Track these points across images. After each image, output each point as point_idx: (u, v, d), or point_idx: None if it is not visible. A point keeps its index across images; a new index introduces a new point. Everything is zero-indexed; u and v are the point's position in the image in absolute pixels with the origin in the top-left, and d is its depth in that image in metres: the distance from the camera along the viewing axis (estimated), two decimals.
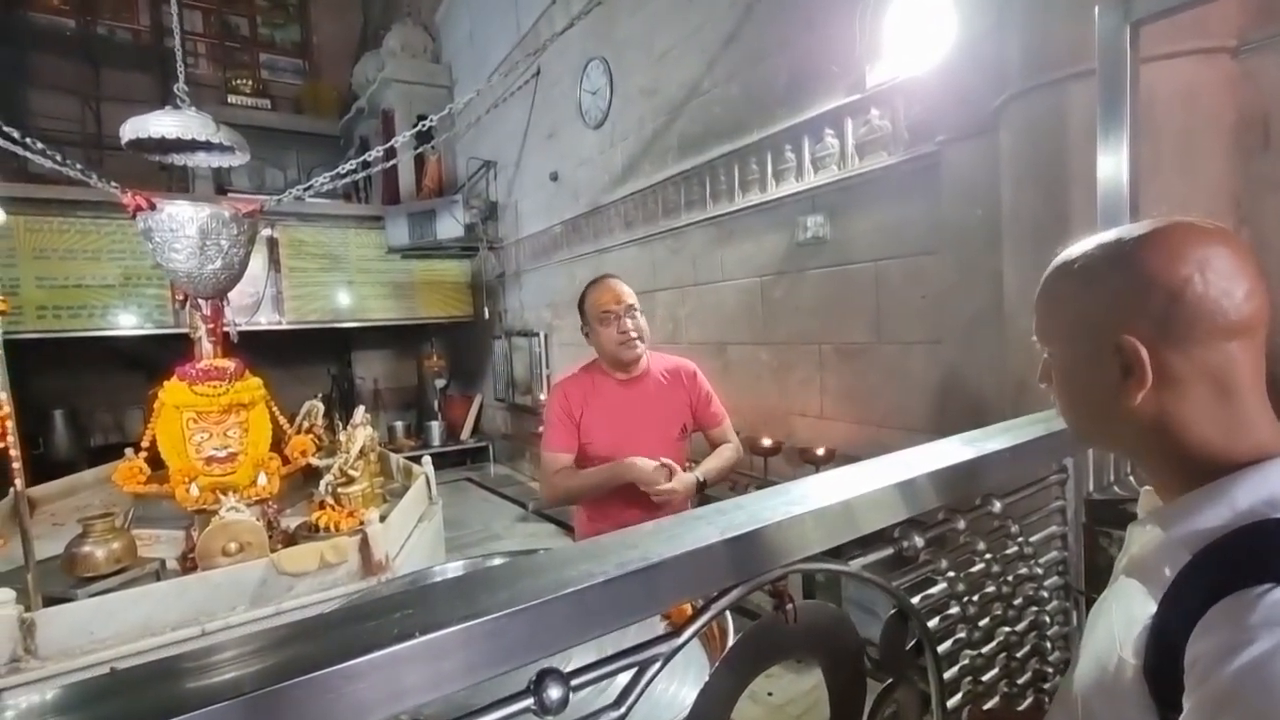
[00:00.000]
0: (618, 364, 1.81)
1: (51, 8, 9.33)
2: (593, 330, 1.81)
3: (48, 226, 5.33)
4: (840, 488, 0.74)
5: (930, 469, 0.81)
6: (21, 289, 5.27)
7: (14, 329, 5.27)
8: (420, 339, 8.11)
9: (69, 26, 9.36)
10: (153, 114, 2.83)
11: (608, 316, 1.76)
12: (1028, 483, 1.01)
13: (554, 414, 1.80)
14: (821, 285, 3.09)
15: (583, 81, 4.90)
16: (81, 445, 7.26)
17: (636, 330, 1.78)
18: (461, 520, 5.10)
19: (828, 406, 3.13)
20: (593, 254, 4.93)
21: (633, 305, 1.79)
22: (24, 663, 1.64)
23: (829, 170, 2.98)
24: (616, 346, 1.77)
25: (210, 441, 2.88)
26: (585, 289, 1.84)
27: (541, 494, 1.77)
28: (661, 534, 0.62)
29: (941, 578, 0.85)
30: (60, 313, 5.44)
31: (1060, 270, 0.61)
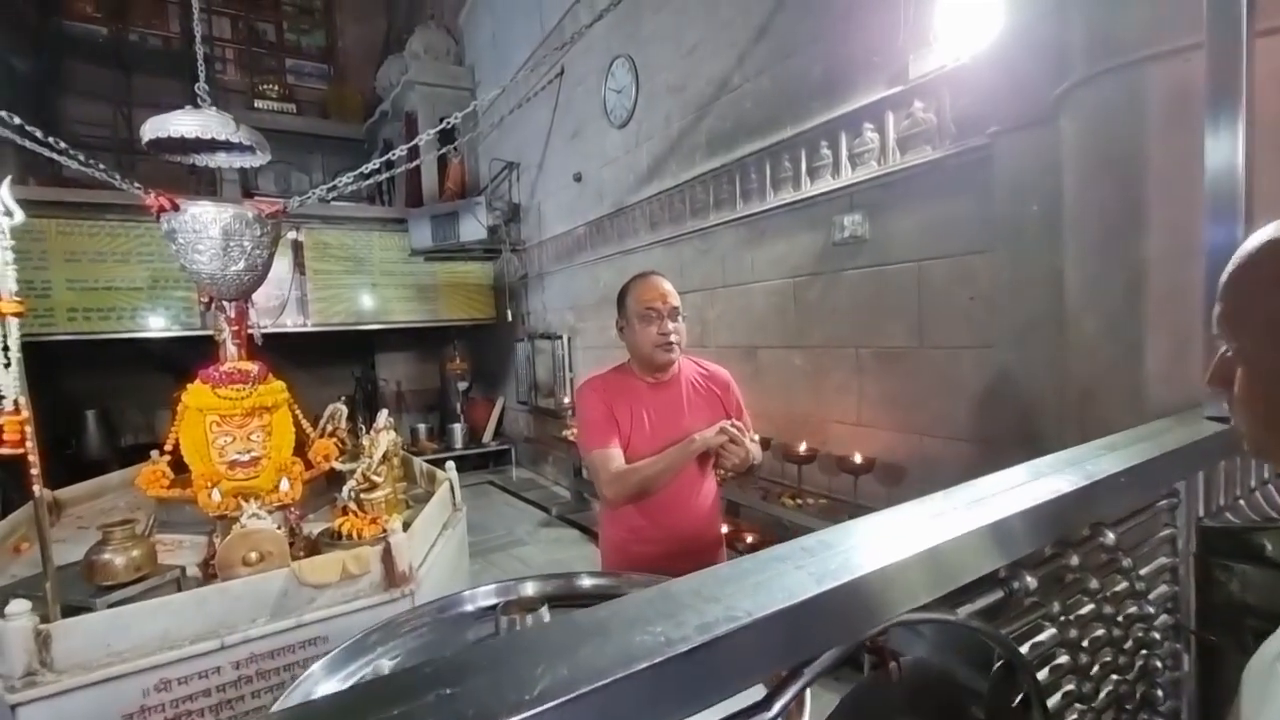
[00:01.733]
0: (650, 366, 1.73)
1: (85, 16, 9.52)
2: (630, 326, 1.72)
3: (78, 230, 5.39)
4: (941, 522, 0.62)
5: (1041, 498, 0.69)
6: (53, 291, 5.32)
7: (46, 331, 5.34)
8: (443, 341, 8.10)
9: (102, 34, 9.53)
10: (173, 113, 2.79)
11: (650, 315, 1.68)
12: (1137, 508, 0.89)
13: (591, 412, 1.70)
14: (859, 286, 2.96)
15: (607, 80, 4.82)
16: (113, 445, 7.35)
17: (677, 334, 1.69)
18: (484, 525, 5.04)
19: (866, 413, 2.99)
20: (617, 255, 4.84)
21: (677, 308, 1.71)
22: (40, 676, 1.58)
23: (868, 166, 2.85)
24: (653, 348, 1.68)
25: (233, 445, 2.84)
26: (629, 282, 1.76)
27: (606, 494, 1.65)
28: (744, 581, 0.51)
29: (1051, 622, 0.73)
30: (91, 314, 5.49)
31: (1271, 251, 0.49)
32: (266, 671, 1.84)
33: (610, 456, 1.64)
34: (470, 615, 0.99)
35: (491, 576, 4.06)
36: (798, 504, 2.99)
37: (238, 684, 1.80)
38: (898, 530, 0.61)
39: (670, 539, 1.68)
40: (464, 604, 1.00)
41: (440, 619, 0.97)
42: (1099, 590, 0.79)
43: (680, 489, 1.67)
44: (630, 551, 1.72)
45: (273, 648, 1.85)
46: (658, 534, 1.68)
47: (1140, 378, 1.70)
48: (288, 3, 11.40)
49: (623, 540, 1.75)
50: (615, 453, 1.64)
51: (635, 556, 1.70)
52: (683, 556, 1.68)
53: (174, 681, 1.72)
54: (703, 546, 1.75)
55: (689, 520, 1.69)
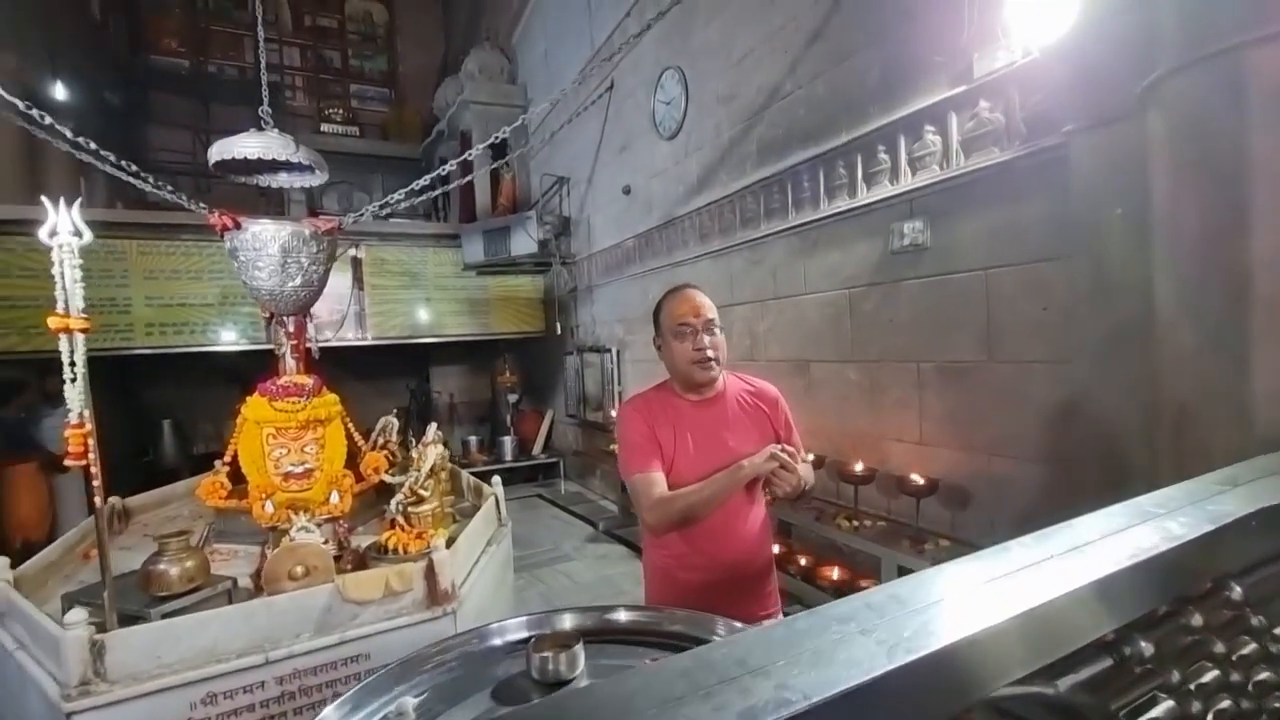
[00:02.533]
0: (689, 384, 1.62)
1: (170, 50, 10.20)
2: (666, 344, 1.64)
3: (156, 249, 5.70)
4: (1035, 577, 0.52)
5: (1154, 547, 0.58)
6: (133, 307, 5.64)
7: (126, 345, 5.66)
8: (495, 354, 8.21)
9: (184, 67, 10.19)
10: (238, 136, 2.90)
11: (684, 330, 1.58)
12: (1269, 557, 0.75)
13: (632, 434, 1.61)
14: (920, 297, 2.81)
15: (657, 92, 4.79)
16: (186, 453, 7.73)
17: (714, 349, 1.58)
18: (531, 539, 5.02)
19: (928, 431, 2.82)
20: (666, 267, 4.78)
21: (712, 320, 1.59)
22: (94, 685, 1.61)
23: (929, 171, 2.71)
24: (689, 365, 1.58)
25: (288, 457, 2.90)
26: (662, 297, 1.67)
27: (647, 521, 1.56)
28: (799, 648, 0.43)
29: (1169, 694, 0.61)
30: (166, 329, 5.80)
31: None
32: (309, 688, 1.84)
33: (652, 481, 1.55)
34: (500, 649, 0.93)
35: (537, 593, 4.04)
36: (854, 526, 2.83)
37: (281, 700, 1.80)
38: (984, 585, 0.51)
39: (716, 566, 1.58)
40: (494, 637, 0.94)
41: (469, 652, 0.91)
42: (1225, 655, 0.67)
43: (727, 514, 1.58)
44: (674, 578, 1.63)
45: (316, 664, 1.85)
46: (703, 560, 1.59)
47: (1247, 396, 1.52)
48: (353, 31, 11.94)
49: (666, 565, 1.66)
50: (657, 477, 1.54)
51: (680, 584, 1.61)
52: (730, 584, 1.59)
53: (220, 695, 1.73)
54: (752, 573, 1.65)
55: (736, 546, 1.59)
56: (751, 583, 1.64)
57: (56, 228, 1.79)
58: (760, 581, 1.68)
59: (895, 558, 2.56)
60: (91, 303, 5.34)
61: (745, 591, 1.63)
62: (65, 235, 1.80)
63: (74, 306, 1.81)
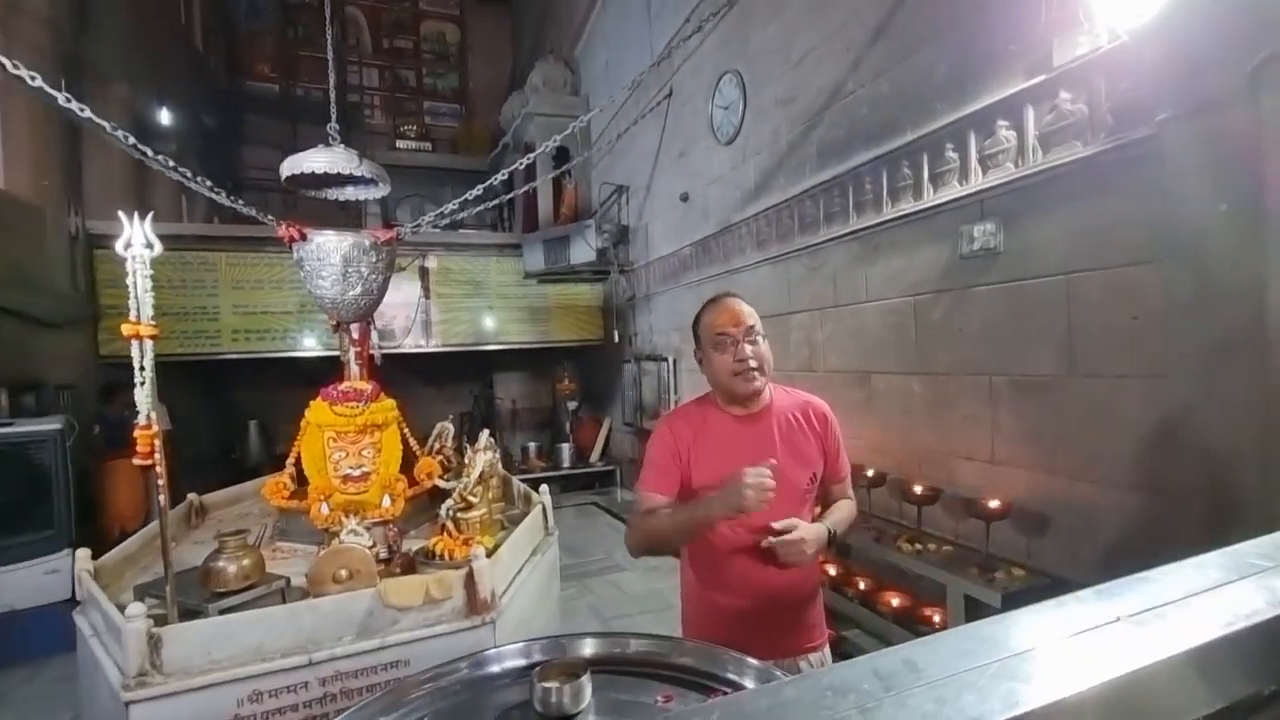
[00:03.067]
0: (732, 397, 1.54)
1: (263, 76, 10.95)
2: (706, 356, 1.55)
3: (243, 261, 6.09)
4: (1102, 643, 0.43)
5: (1261, 611, 0.46)
6: (221, 315, 6.04)
7: (214, 350, 6.06)
8: (555, 361, 8.32)
9: (274, 90, 10.92)
10: (307, 152, 3.03)
11: (723, 341, 1.50)
12: None
13: (655, 450, 1.55)
14: (992, 305, 2.61)
15: (714, 97, 4.72)
16: (269, 452, 8.19)
17: (756, 359, 1.48)
18: (584, 547, 5.01)
19: (1001, 450, 2.61)
20: (723, 275, 4.69)
21: (753, 328, 1.51)
22: (150, 677, 1.68)
23: (1002, 169, 2.52)
24: (730, 377, 1.49)
25: (347, 460, 2.99)
26: (700, 309, 1.59)
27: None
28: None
29: None
30: (250, 336, 6.17)
31: None
32: (350, 691, 1.85)
33: (651, 500, 1.49)
34: (504, 676, 0.88)
35: (587, 604, 4.00)
36: (916, 549, 2.65)
37: (323, 701, 1.83)
38: (1027, 654, 0.42)
39: (753, 591, 1.48)
40: (496, 663, 0.89)
41: (472, 678, 0.87)
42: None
43: (767, 533, 1.48)
44: (708, 601, 1.54)
45: (356, 668, 1.87)
46: (737, 583, 1.49)
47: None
48: (427, 51, 12.48)
49: (699, 587, 1.57)
50: (657, 499, 1.49)
51: (714, 608, 1.52)
52: (769, 612, 1.49)
53: (265, 694, 1.77)
54: (794, 602, 1.53)
55: (777, 571, 1.46)
56: (793, 612, 1.54)
57: (131, 240, 1.90)
58: (803, 611, 1.57)
59: (962, 586, 2.36)
60: (186, 310, 5.74)
61: (786, 621, 1.53)
62: (138, 247, 1.91)
63: (144, 314, 1.91)
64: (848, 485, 1.68)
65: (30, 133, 5.04)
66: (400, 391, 4.46)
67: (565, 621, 3.63)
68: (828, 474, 1.60)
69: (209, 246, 6.00)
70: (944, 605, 2.51)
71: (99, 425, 4.71)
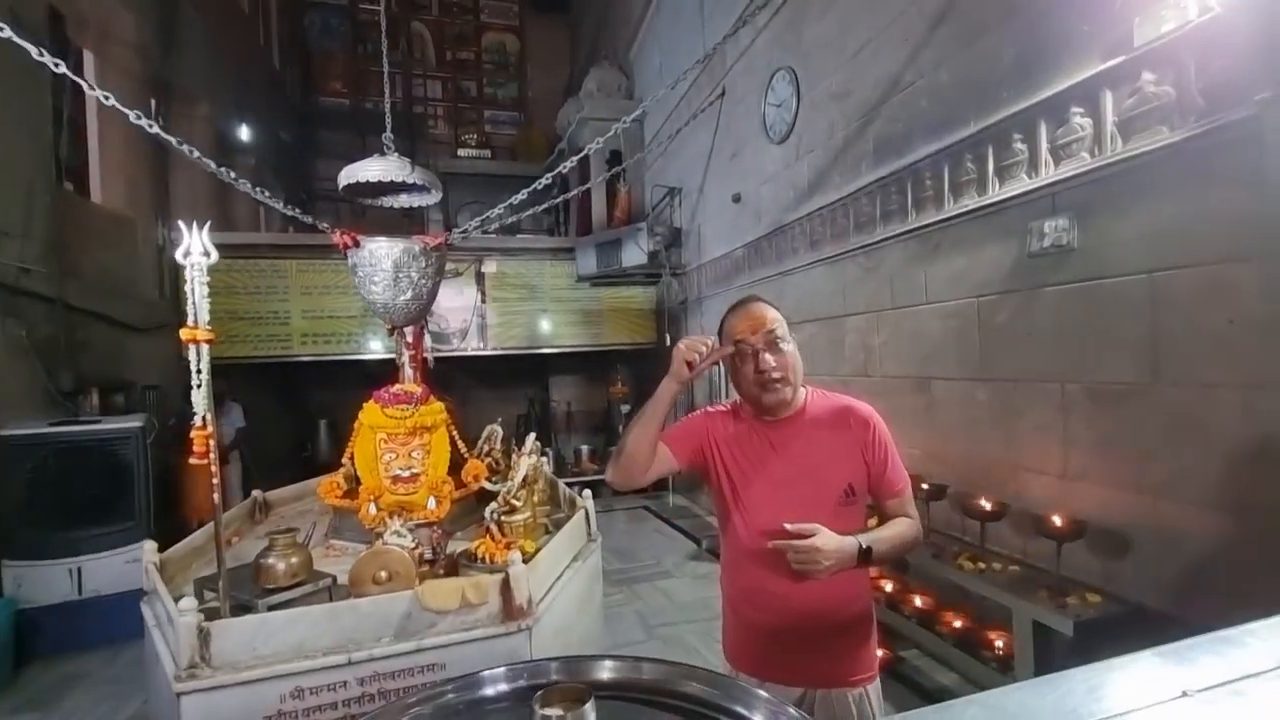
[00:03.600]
0: (759, 409, 1.44)
1: (335, 91, 11.49)
2: (730, 366, 1.45)
3: (312, 268, 6.37)
4: None
5: None
6: (291, 319, 6.34)
7: (285, 353, 6.36)
8: (609, 365, 8.34)
9: (345, 105, 11.44)
10: (362, 161, 3.13)
11: (742, 349, 1.40)
12: None
13: (685, 420, 1.56)
14: (1065, 307, 2.41)
15: (767, 95, 4.61)
16: (338, 450, 8.53)
17: (781, 369, 1.37)
18: (633, 551, 4.97)
19: (1074, 463, 2.41)
20: (775, 277, 4.57)
21: (774, 333, 1.38)
22: (200, 670, 1.74)
23: (1077, 159, 2.32)
24: (753, 388, 1.40)
25: (397, 462, 3.06)
26: (725, 314, 1.49)
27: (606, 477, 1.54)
28: None
29: None
30: (318, 339, 6.45)
31: None
32: (388, 692, 1.87)
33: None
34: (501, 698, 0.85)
35: (633, 611, 3.96)
36: (979, 568, 2.47)
37: (361, 701, 1.85)
38: None
39: (789, 609, 1.37)
40: (494, 684, 0.86)
41: (464, 700, 0.83)
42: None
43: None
44: (743, 617, 1.45)
45: (394, 669, 1.88)
46: (770, 600, 1.38)
47: None
48: (488, 61, 12.81)
49: (734, 600, 1.48)
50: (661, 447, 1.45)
51: (749, 625, 1.43)
52: (810, 636, 1.37)
53: (307, 691, 1.81)
54: (838, 626, 1.40)
55: (817, 588, 1.32)
56: (837, 638, 1.40)
57: (190, 248, 1.99)
58: (849, 638, 1.42)
59: (1030, 610, 2.19)
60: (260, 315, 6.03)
61: (829, 648, 1.40)
62: (196, 255, 1.99)
63: (201, 320, 1.99)
64: (906, 502, 1.48)
65: (124, 150, 5.44)
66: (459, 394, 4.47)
67: (609, 628, 3.60)
68: (875, 488, 1.44)
69: (281, 254, 6.31)
70: (1009, 630, 2.34)
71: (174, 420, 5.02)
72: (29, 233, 3.98)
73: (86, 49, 5.37)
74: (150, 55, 5.91)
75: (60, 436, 3.56)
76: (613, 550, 5.09)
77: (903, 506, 1.48)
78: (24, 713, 3.01)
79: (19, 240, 3.89)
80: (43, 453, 3.49)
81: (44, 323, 4.10)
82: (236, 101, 7.84)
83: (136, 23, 5.71)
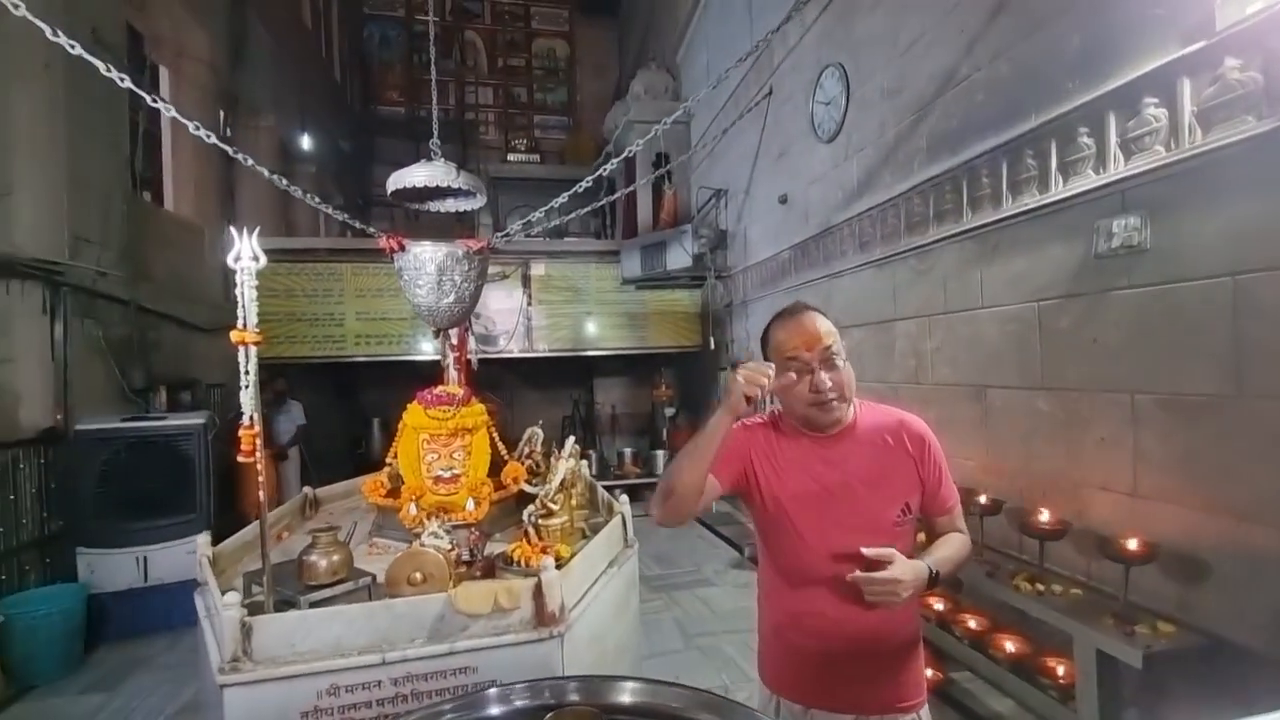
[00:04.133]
0: (808, 426, 1.36)
1: (391, 100, 11.89)
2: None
3: (365, 271, 6.58)
4: None
5: None
6: (346, 321, 6.55)
7: (340, 354, 6.58)
8: (654, 368, 8.32)
9: (401, 114, 11.81)
10: (409, 167, 3.19)
11: (793, 365, 1.30)
12: None
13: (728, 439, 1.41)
14: (1136, 311, 2.24)
15: (815, 93, 4.49)
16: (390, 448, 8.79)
17: (837, 388, 1.29)
18: (674, 557, 4.92)
19: (1146, 481, 2.23)
20: (823, 279, 4.44)
21: (830, 349, 1.29)
22: (241, 663, 1.79)
23: (1150, 153, 2.16)
24: (806, 408, 1.31)
25: (439, 462, 3.10)
26: (770, 322, 1.40)
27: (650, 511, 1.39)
28: None
29: None
30: (371, 340, 6.65)
31: None
32: (421, 694, 1.88)
33: None
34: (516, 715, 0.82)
35: (672, 618, 3.91)
36: (1038, 590, 2.32)
37: (395, 701, 1.87)
38: None
39: (845, 635, 1.29)
40: (503, 702, 0.83)
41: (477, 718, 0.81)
42: None
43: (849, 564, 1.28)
44: (786, 640, 1.38)
45: (427, 671, 1.89)
46: (817, 623, 1.31)
47: None
48: (538, 67, 13.01)
49: (776, 623, 1.41)
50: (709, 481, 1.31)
51: (792, 649, 1.36)
52: (858, 659, 1.30)
53: (342, 689, 1.83)
54: (887, 651, 1.33)
55: (866, 612, 1.25)
56: (886, 663, 1.33)
57: (240, 253, 2.05)
58: (898, 663, 1.35)
59: (1094, 637, 2.03)
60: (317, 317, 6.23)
61: (872, 672, 1.33)
62: (246, 260, 2.06)
63: (250, 323, 2.05)
64: (957, 517, 1.41)
65: (194, 161, 5.75)
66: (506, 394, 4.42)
67: (646, 636, 3.56)
68: (928, 506, 1.37)
69: (337, 259, 6.54)
70: (1070, 657, 2.19)
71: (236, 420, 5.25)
72: (106, 239, 4.23)
73: (162, 65, 5.70)
74: (220, 70, 6.22)
75: (129, 431, 3.76)
76: (653, 555, 5.05)
77: (953, 522, 1.41)
78: (92, 693, 3.18)
79: (97, 246, 4.14)
80: (113, 446, 3.70)
81: (118, 324, 4.35)
82: (300, 112, 8.19)
83: (209, 40, 6.03)
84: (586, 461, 3.78)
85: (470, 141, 11.76)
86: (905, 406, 1.45)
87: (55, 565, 3.72)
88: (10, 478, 3.54)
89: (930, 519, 1.40)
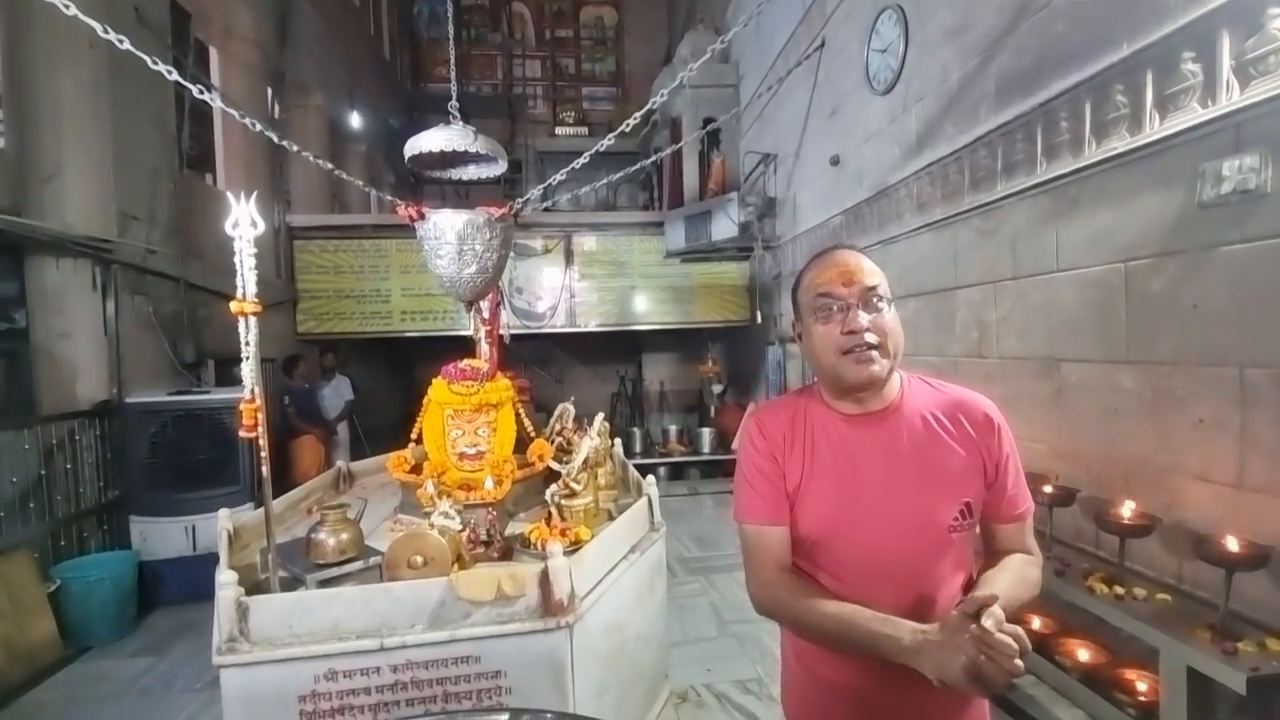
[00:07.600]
0: (840, 388, 1.08)
1: (439, 77, 11.89)
2: (805, 330, 1.10)
3: (409, 246, 6.58)
4: None
5: None
6: (392, 297, 6.60)
7: (386, 329, 6.65)
8: (701, 343, 8.09)
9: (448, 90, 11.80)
10: (425, 132, 3.06)
11: (827, 305, 1.04)
12: None
13: (747, 465, 1.13)
14: (1248, 270, 1.88)
15: (871, 40, 4.10)
16: None
17: (877, 333, 1.02)
18: (715, 539, 4.74)
19: (1254, 470, 1.89)
20: (877, 246, 4.09)
21: (874, 289, 1.03)
22: (239, 644, 1.74)
23: (1273, 78, 1.78)
24: (838, 356, 1.03)
25: (463, 439, 3.01)
26: (803, 268, 1.13)
27: (752, 597, 1.13)
28: None
29: None
30: (416, 316, 6.69)
31: None
32: (420, 681, 1.79)
33: (766, 539, 1.08)
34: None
35: (708, 603, 3.74)
36: (1116, 593, 2.02)
37: (394, 688, 1.78)
38: None
39: (872, 667, 0.99)
40: None
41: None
42: None
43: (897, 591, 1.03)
44: (813, 672, 1.14)
45: (427, 658, 1.79)
46: (849, 658, 1.04)
47: None
48: (586, 37, 12.74)
49: (801, 654, 1.16)
50: (774, 535, 1.08)
51: (819, 682, 1.13)
52: (898, 697, 1.03)
53: (339, 673, 1.76)
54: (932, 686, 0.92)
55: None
56: (931, 701, 1.01)
57: (238, 220, 1.96)
58: (954, 706, 1.07)
59: (1185, 653, 1.74)
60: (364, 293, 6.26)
61: (927, 713, 1.06)
62: (245, 227, 1.97)
63: (249, 292, 1.97)
64: (1028, 530, 1.12)
65: (243, 136, 5.82)
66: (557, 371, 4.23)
67: (680, 622, 3.41)
68: (992, 509, 1.09)
69: (382, 234, 6.57)
70: (1153, 671, 1.89)
71: (287, 396, 5.35)
72: (154, 217, 4.32)
73: (211, 44, 5.77)
74: (268, 49, 6.28)
75: (174, 405, 3.86)
76: (694, 537, 4.89)
77: (1022, 535, 1.11)
78: (142, 656, 3.30)
79: (145, 224, 4.23)
80: (160, 419, 3.80)
81: (169, 299, 4.46)
82: (348, 91, 8.24)
83: (256, 18, 6.07)
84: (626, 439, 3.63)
85: (519, 115, 11.64)
86: (966, 383, 1.17)
87: (113, 532, 3.88)
88: (70, 448, 3.69)
89: (993, 525, 1.11)
